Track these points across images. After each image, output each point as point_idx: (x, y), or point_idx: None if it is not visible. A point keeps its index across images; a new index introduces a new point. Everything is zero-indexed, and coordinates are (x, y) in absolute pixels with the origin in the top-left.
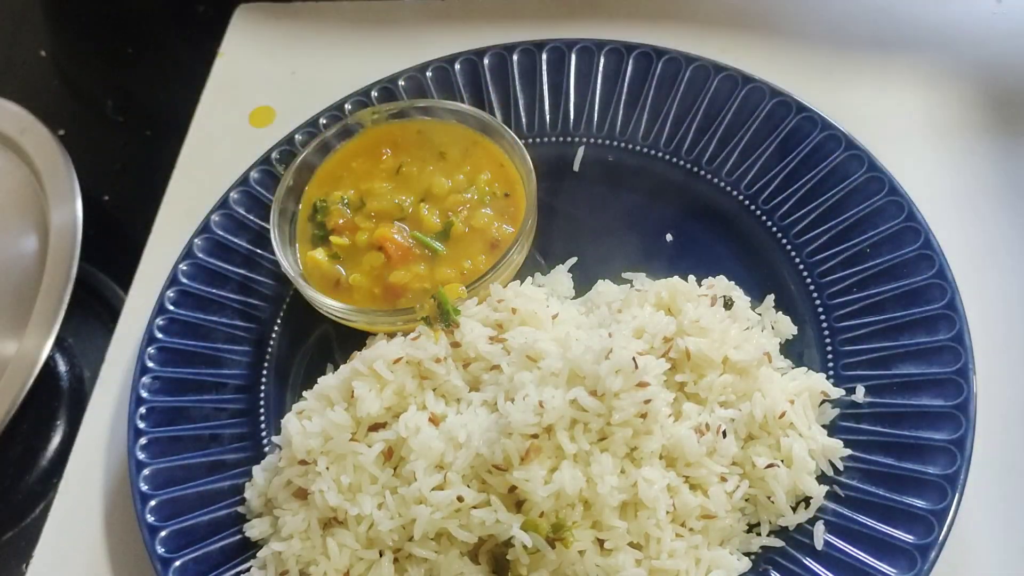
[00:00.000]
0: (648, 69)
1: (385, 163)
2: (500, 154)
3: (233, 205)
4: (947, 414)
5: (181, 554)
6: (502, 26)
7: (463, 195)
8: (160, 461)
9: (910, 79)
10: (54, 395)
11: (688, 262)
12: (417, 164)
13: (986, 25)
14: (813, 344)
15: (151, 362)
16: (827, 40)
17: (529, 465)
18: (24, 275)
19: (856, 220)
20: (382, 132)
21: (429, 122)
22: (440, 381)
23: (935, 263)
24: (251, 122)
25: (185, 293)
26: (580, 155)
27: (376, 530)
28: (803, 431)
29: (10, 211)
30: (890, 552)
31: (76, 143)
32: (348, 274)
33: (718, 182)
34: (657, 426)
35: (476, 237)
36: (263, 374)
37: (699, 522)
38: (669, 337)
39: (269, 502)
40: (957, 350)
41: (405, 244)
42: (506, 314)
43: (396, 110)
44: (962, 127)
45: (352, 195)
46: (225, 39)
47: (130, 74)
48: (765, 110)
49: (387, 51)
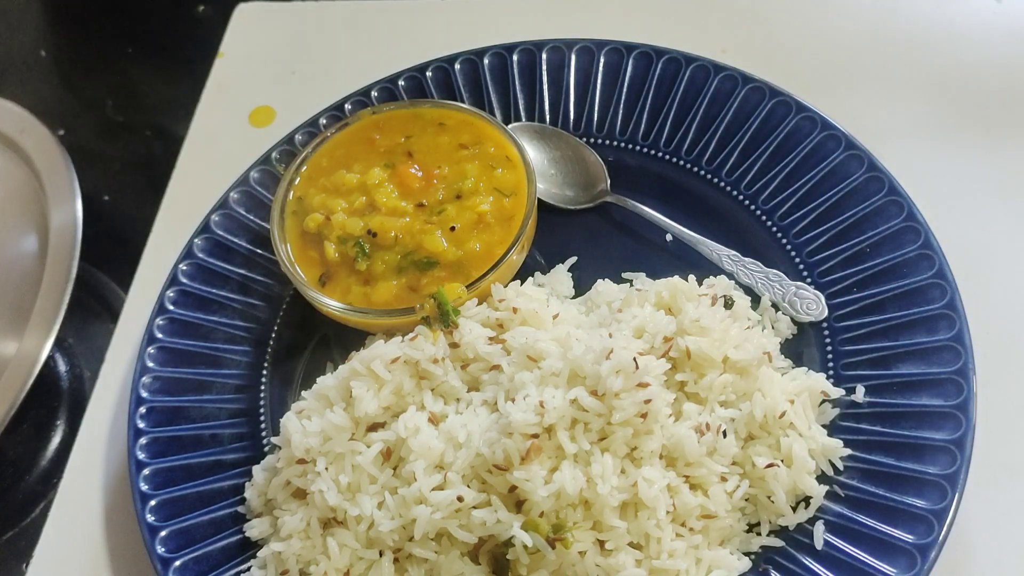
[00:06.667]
0: (648, 69)
1: (381, 144)
2: (500, 154)
3: (233, 205)
4: (947, 414)
5: (181, 554)
6: (502, 26)
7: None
8: (160, 461)
9: (910, 79)
10: (54, 395)
11: (688, 262)
12: (421, 153)
13: (986, 25)
14: (813, 344)
15: (151, 362)
16: (827, 40)
17: (529, 465)
18: (24, 275)
19: (856, 220)
20: (382, 119)
21: (430, 115)
22: (438, 382)
23: (935, 263)
24: (251, 122)
25: (185, 293)
26: None
27: (376, 530)
28: (803, 431)
29: (10, 211)
30: (890, 552)
31: (76, 143)
32: (359, 267)
33: (718, 182)
34: (657, 426)
35: (476, 236)
36: (263, 374)
37: (699, 522)
38: (669, 337)
39: (269, 502)
40: (957, 350)
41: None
42: (507, 313)
43: (396, 111)
44: (962, 127)
45: (362, 202)
46: (225, 39)
47: (130, 74)
48: (765, 110)
49: (387, 51)
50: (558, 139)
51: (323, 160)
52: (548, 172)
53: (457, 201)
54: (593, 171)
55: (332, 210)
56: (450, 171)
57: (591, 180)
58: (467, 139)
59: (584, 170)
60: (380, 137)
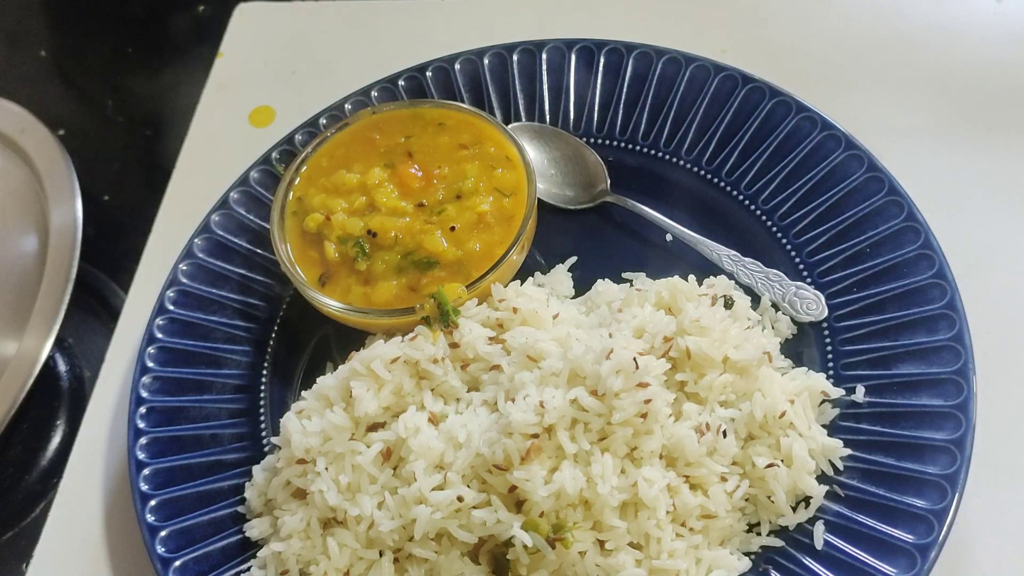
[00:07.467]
0: (648, 69)
1: (381, 144)
2: (500, 154)
3: (233, 205)
4: (947, 414)
5: (181, 554)
6: (502, 26)
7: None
8: (160, 461)
9: (910, 79)
10: (54, 395)
11: (688, 262)
12: (421, 152)
13: (986, 25)
14: (813, 344)
15: (151, 362)
16: (827, 40)
17: (529, 465)
18: (24, 275)
19: (856, 220)
20: (382, 119)
21: (430, 115)
22: (438, 382)
23: (935, 263)
24: (251, 122)
25: (185, 293)
26: None
27: (376, 530)
28: (803, 431)
29: (10, 211)
30: (890, 552)
31: (76, 143)
32: (359, 266)
33: (718, 182)
34: (657, 426)
35: (476, 236)
36: (263, 374)
37: (699, 522)
38: (669, 336)
39: (269, 502)
40: (957, 350)
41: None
42: (507, 313)
43: (396, 111)
44: (962, 127)
45: (363, 202)
46: (225, 39)
47: (130, 74)
48: (765, 110)
49: (387, 51)
50: (558, 139)
51: (323, 160)
52: (548, 172)
53: (457, 201)
54: (593, 171)
55: (332, 210)
56: (450, 171)
57: (591, 180)
58: (467, 139)
59: (584, 170)
60: (380, 137)
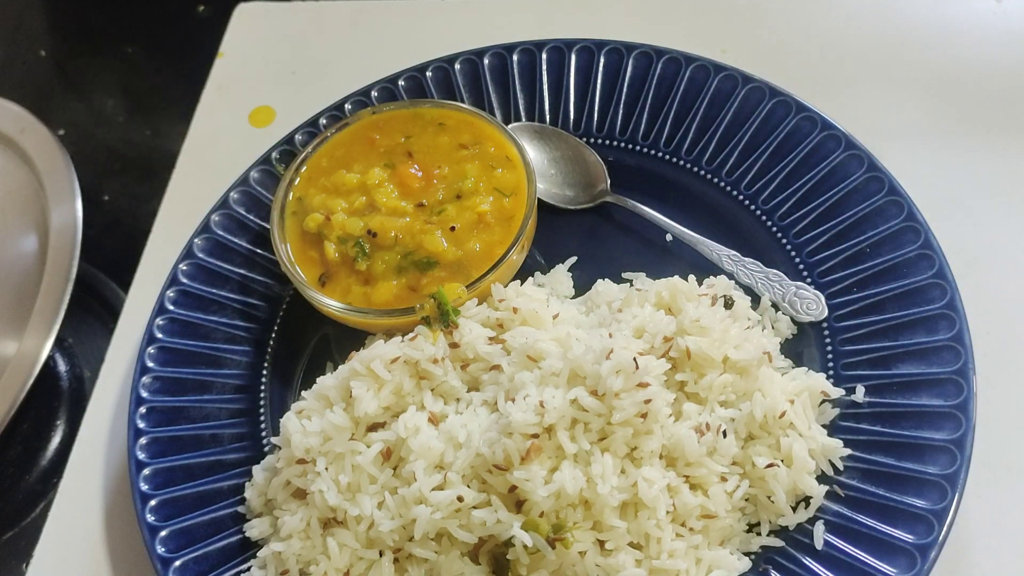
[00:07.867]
0: (648, 69)
1: (381, 144)
2: (500, 154)
3: (233, 205)
4: (947, 414)
5: (181, 554)
6: (502, 26)
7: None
8: (160, 461)
9: (910, 79)
10: (54, 395)
11: (688, 262)
12: (421, 152)
13: (986, 25)
14: (813, 344)
15: (151, 362)
16: (827, 40)
17: (529, 465)
18: (24, 275)
19: (856, 220)
20: (382, 119)
21: (430, 115)
22: (438, 382)
23: (935, 263)
24: (251, 122)
25: (185, 293)
26: None
27: (376, 530)
28: (803, 431)
29: (10, 211)
30: (890, 552)
31: (76, 143)
32: (359, 266)
33: (718, 182)
34: (657, 426)
35: (476, 236)
36: (263, 374)
37: (699, 522)
38: (669, 336)
39: (269, 502)
40: (957, 350)
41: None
42: (507, 313)
43: (396, 110)
44: (962, 127)
45: (363, 202)
46: (225, 39)
47: (130, 74)
48: (765, 110)
49: (387, 51)
50: (558, 139)
51: (323, 160)
52: (548, 172)
53: (457, 201)
54: (593, 171)
55: (332, 210)
56: (450, 171)
57: (591, 180)
58: (467, 139)
59: (584, 170)
60: (380, 137)
